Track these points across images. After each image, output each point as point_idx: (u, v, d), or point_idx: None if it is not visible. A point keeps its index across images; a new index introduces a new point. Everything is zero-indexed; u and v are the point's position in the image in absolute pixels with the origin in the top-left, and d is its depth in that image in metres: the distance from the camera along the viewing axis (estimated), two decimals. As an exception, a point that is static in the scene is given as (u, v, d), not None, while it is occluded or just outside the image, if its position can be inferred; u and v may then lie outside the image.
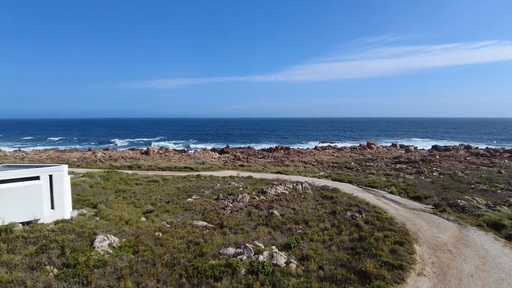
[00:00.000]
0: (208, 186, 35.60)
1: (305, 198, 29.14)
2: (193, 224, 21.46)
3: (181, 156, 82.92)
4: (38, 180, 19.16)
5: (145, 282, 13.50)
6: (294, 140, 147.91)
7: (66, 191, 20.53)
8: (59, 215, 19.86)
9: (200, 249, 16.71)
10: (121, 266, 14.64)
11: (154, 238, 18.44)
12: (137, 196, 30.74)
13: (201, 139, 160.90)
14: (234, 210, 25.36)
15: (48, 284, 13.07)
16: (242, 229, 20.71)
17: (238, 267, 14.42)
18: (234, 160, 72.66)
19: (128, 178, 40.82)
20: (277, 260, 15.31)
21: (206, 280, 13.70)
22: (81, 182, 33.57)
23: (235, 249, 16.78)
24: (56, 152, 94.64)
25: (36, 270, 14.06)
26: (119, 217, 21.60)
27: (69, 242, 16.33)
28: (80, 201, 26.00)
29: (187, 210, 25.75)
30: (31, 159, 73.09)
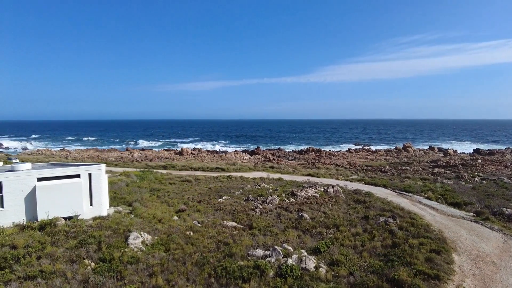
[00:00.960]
0: (239, 187, 35.88)
1: (337, 202, 28.54)
2: (223, 224, 21.71)
3: (213, 157, 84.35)
4: (79, 178, 20.27)
5: (175, 280, 13.82)
6: (326, 142, 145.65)
7: (104, 189, 21.55)
8: (97, 212, 20.87)
9: (229, 249, 16.85)
10: (153, 263, 15.10)
11: (185, 237, 18.85)
12: (170, 195, 31.62)
13: (232, 141, 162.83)
14: (264, 212, 25.35)
15: (85, 277, 13.76)
16: (271, 231, 20.64)
17: (266, 269, 14.38)
18: (264, 161, 72.77)
19: (163, 177, 42.12)
20: (306, 264, 15.09)
21: (234, 281, 13.78)
22: (118, 181, 35.10)
23: (263, 251, 16.75)
24: (96, 151, 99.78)
25: (76, 263, 14.86)
26: (152, 215, 22.32)
27: (105, 238, 17.09)
28: (116, 199, 27.18)
29: (218, 210, 26.11)
30: (73, 158, 77.57)
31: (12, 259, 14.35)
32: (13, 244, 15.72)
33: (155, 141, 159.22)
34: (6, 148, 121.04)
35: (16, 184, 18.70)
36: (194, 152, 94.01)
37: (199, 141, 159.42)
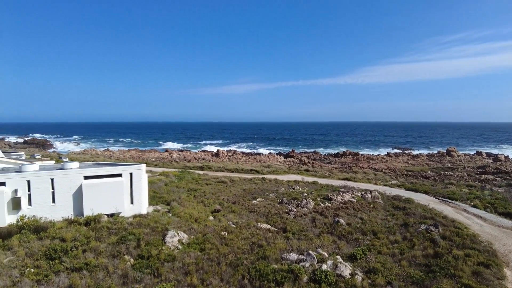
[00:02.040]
0: (273, 189, 35.83)
1: (375, 208, 27.58)
2: (257, 226, 21.77)
3: (248, 158, 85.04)
4: (121, 177, 21.30)
5: (209, 279, 14.06)
6: (364, 146, 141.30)
7: (144, 188, 22.46)
8: (137, 210, 21.80)
9: (263, 252, 16.86)
10: (188, 262, 15.47)
11: (220, 237, 19.13)
12: (207, 195, 32.29)
13: (267, 143, 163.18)
14: (298, 215, 25.10)
15: (125, 272, 14.41)
16: (305, 235, 20.38)
17: (300, 274, 14.20)
18: (299, 164, 72.11)
19: (199, 178, 43.14)
20: (342, 271, 14.72)
21: (268, 284, 13.74)
22: (157, 181, 36.45)
23: (298, 255, 16.57)
24: (137, 152, 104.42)
25: (117, 258, 15.61)
26: (189, 215, 22.91)
27: (144, 236, 17.79)
28: (155, 198, 28.22)
29: (252, 212, 26.24)
30: (116, 158, 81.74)
31: (61, 251, 15.37)
32: (62, 237, 16.85)
33: (191, 143, 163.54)
34: (53, 150, 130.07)
35: (65, 181, 20.05)
36: (230, 153, 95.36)
37: (234, 143, 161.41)
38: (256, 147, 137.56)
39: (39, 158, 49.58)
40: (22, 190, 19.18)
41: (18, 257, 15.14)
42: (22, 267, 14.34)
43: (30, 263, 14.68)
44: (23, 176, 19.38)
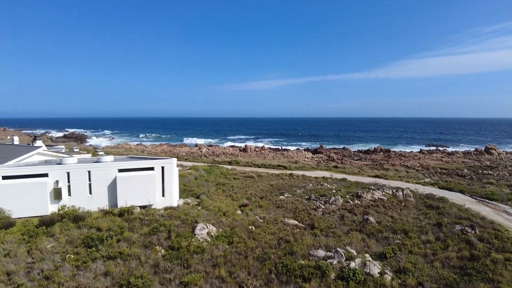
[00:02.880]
0: (300, 186, 35.65)
1: (406, 206, 26.74)
2: (285, 222, 21.80)
3: (275, 154, 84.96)
4: (153, 170, 22.04)
5: (237, 272, 14.30)
6: (396, 142, 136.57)
7: (175, 181, 23.12)
8: (168, 202, 22.49)
9: (290, 247, 16.89)
10: (217, 255, 15.81)
11: (247, 231, 19.36)
12: (235, 189, 32.70)
13: (294, 139, 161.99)
14: (326, 212, 24.85)
15: (156, 262, 14.96)
16: (333, 232, 20.18)
17: (327, 271, 14.11)
18: (327, 160, 71.08)
19: (228, 172, 43.74)
20: (370, 269, 14.46)
21: (295, 279, 13.78)
22: (187, 174, 37.36)
23: (325, 252, 16.45)
24: (168, 146, 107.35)
25: (148, 248, 16.23)
26: (218, 208, 23.34)
27: (174, 227, 18.36)
28: (185, 191, 28.96)
29: (279, 207, 26.28)
30: (149, 152, 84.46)
31: (98, 239, 16.20)
32: (99, 226, 17.74)
33: (219, 138, 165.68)
34: (87, 144, 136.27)
35: (101, 174, 21.04)
36: (258, 149, 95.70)
37: (262, 139, 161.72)
38: (284, 143, 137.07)
39: (77, 152, 52.29)
40: (63, 181, 20.37)
41: (59, 243, 16.14)
42: (63, 253, 15.28)
43: (70, 250, 15.61)
44: (63, 168, 20.57)
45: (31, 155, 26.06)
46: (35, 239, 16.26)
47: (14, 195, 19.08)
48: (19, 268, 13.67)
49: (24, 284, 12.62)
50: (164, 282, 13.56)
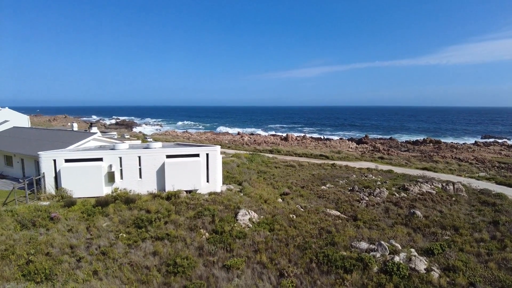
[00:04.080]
0: (343, 176, 34.95)
1: (457, 201, 25.20)
2: (326, 212, 21.62)
3: (317, 143, 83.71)
4: (198, 157, 22.83)
5: (278, 259, 14.53)
6: (447, 133, 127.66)
7: (218, 168, 23.78)
8: (212, 188, 23.24)
9: (331, 238, 16.76)
10: (258, 241, 16.15)
11: (288, 219, 19.50)
12: (276, 178, 32.93)
13: (338, 128, 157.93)
14: (370, 204, 24.20)
15: (201, 245, 15.65)
16: (377, 225, 19.65)
17: (370, 263, 13.85)
18: (372, 151, 68.63)
19: (269, 161, 44.05)
20: (416, 265, 13.94)
21: (335, 270, 13.71)
22: (230, 162, 38.23)
23: (368, 244, 16.12)
24: (212, 134, 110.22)
25: (193, 231, 17.00)
26: (259, 196, 23.69)
27: (218, 212, 18.98)
28: (228, 178, 29.71)
29: (321, 197, 26.06)
30: (194, 139, 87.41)
31: (147, 221, 17.27)
32: (148, 209, 18.87)
33: (261, 127, 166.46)
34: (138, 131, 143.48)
35: (150, 159, 22.23)
36: (299, 138, 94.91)
37: (303, 128, 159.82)
38: (327, 132, 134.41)
39: (128, 138, 55.60)
40: (115, 165, 21.84)
41: (113, 223, 17.45)
42: (116, 231, 16.52)
43: (123, 229, 16.82)
44: (116, 154, 22.01)
45: (88, 141, 28.17)
46: (92, 218, 17.72)
47: (74, 177, 20.87)
48: (80, 243, 15.04)
49: (85, 257, 13.88)
50: (208, 264, 14.17)
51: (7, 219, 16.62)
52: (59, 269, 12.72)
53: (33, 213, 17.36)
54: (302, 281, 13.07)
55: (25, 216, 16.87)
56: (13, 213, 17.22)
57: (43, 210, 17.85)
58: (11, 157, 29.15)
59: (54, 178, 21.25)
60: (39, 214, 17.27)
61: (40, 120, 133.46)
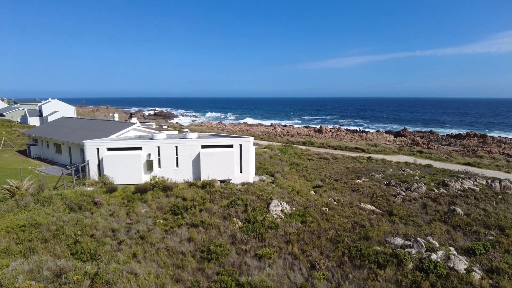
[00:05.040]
0: (379, 170, 33.98)
1: (504, 200, 23.68)
2: (360, 206, 21.22)
3: (353, 136, 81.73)
4: (232, 148, 23.21)
5: (309, 251, 14.55)
6: (494, 127, 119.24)
7: (251, 159, 24.05)
8: (245, 178, 23.58)
9: (365, 232, 16.48)
10: (290, 232, 16.24)
11: (321, 212, 19.39)
12: (308, 170, 32.71)
13: (374, 120, 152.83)
14: (407, 200, 23.41)
15: (234, 233, 16.02)
16: (414, 221, 19.01)
17: (405, 260, 13.48)
18: (411, 145, 65.85)
19: (302, 153, 43.77)
20: (455, 264, 13.37)
21: (369, 264, 13.51)
22: (263, 153, 38.44)
23: (403, 240, 15.67)
24: (245, 125, 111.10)
25: (227, 220, 17.42)
26: (291, 187, 23.71)
27: (251, 202, 19.27)
28: (261, 169, 29.95)
29: (355, 191, 25.58)
30: (228, 130, 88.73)
31: (183, 208, 17.93)
32: (184, 196, 19.56)
33: (294, 118, 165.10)
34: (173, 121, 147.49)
35: (186, 149, 22.93)
36: (333, 130, 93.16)
37: (338, 119, 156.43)
38: (363, 124, 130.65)
39: (165, 128, 57.55)
40: (154, 154, 22.77)
41: (151, 209, 18.30)
42: (154, 217, 17.32)
43: (160, 215, 17.60)
44: (154, 143, 22.92)
45: (128, 131, 29.53)
46: (132, 204, 18.69)
47: (115, 164, 22.04)
48: (120, 227, 15.96)
49: (125, 240, 14.73)
50: (240, 252, 14.51)
51: (57, 202, 17.99)
52: (102, 250, 13.62)
53: (79, 197, 18.63)
54: (334, 274, 13.02)
55: (72, 200, 18.16)
56: (62, 197, 18.59)
57: (88, 195, 19.10)
58: (60, 145, 31.31)
59: (98, 165, 22.59)
60: (84, 198, 18.52)
61: (85, 111, 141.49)
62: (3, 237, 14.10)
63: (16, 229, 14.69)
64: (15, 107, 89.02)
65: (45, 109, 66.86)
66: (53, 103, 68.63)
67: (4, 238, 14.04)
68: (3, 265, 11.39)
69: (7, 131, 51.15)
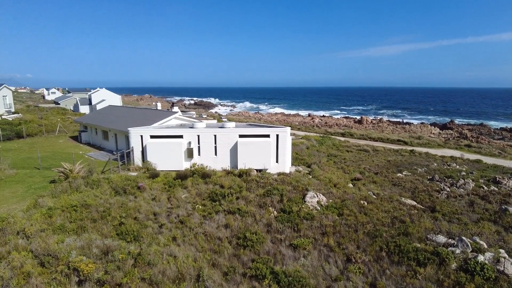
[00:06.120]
0: (422, 164, 32.42)
1: None
2: (401, 201, 20.48)
3: (395, 128, 78.42)
4: (269, 138, 23.28)
5: (346, 244, 14.35)
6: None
7: (288, 149, 23.98)
8: (281, 168, 23.62)
9: (405, 228, 15.90)
10: (326, 224, 16.10)
11: (359, 205, 18.97)
12: (347, 162, 32.02)
13: (419, 111, 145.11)
14: (452, 196, 22.18)
15: (269, 222, 16.19)
16: (459, 219, 18.01)
17: (448, 259, 12.85)
18: (458, 138, 61.89)
19: (340, 144, 42.86)
20: (505, 268, 12.53)
21: (407, 261, 13.06)
22: (299, 143, 38.17)
23: (446, 238, 14.93)
24: (283, 116, 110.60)
25: (263, 208, 17.61)
26: (328, 179, 23.39)
27: (286, 192, 19.30)
28: (297, 159, 29.81)
29: (396, 185, 24.68)
30: (265, 120, 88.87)
31: (221, 195, 18.39)
32: (221, 184, 20.03)
33: (332, 108, 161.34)
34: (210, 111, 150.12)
35: (224, 138, 23.37)
36: (375, 121, 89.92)
37: (379, 110, 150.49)
38: (406, 116, 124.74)
39: (205, 118, 58.90)
40: (194, 142, 23.47)
41: (191, 195, 18.97)
42: (193, 203, 17.96)
43: (199, 201, 18.20)
44: (195, 132, 23.60)
45: (170, 119, 30.60)
46: (173, 189, 19.49)
47: (158, 151, 23.03)
48: (161, 211, 16.74)
49: (165, 224, 15.45)
50: (275, 241, 14.66)
51: (104, 185, 19.23)
52: (145, 233, 14.40)
53: (124, 182, 19.76)
54: (370, 268, 12.76)
55: (118, 184, 19.31)
56: (109, 181, 19.82)
57: (132, 180, 20.19)
58: (107, 132, 33.23)
59: (141, 152, 23.74)
60: (128, 183, 19.60)
61: (129, 100, 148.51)
62: (59, 215, 15.38)
63: (70, 208, 15.95)
64: (68, 96, 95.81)
65: (94, 98, 71.06)
66: (101, 92, 72.72)
67: (59, 216, 15.31)
68: (59, 240, 12.46)
69: (61, 118, 55.17)
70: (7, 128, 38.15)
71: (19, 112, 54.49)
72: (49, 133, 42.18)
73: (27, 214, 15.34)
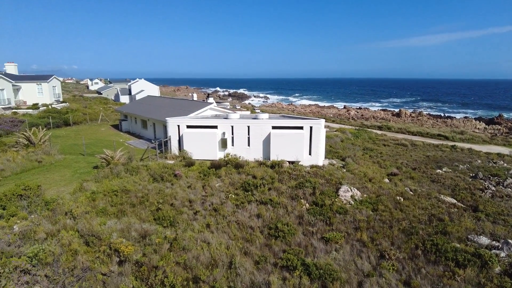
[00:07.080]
0: (465, 161, 30.71)
1: None
2: (439, 198, 19.60)
3: (436, 121, 74.61)
4: (302, 130, 23.10)
5: (379, 240, 14.04)
6: None
7: (321, 142, 23.68)
8: (314, 161, 23.41)
9: (443, 226, 15.25)
10: (359, 219, 15.82)
11: (394, 201, 18.42)
12: (383, 157, 31.05)
13: (462, 104, 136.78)
14: (497, 195, 20.88)
15: (301, 214, 16.18)
16: (505, 220, 16.94)
17: (491, 262, 12.20)
18: (507, 134, 57.66)
19: (377, 138, 41.58)
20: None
21: (445, 261, 12.56)
22: (334, 136, 37.51)
23: (490, 240, 14.15)
24: (317, 107, 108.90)
25: (294, 200, 17.62)
26: (363, 173, 22.85)
27: (319, 185, 19.15)
28: (331, 152, 29.35)
29: (435, 181, 23.63)
30: (298, 112, 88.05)
31: (253, 185, 18.62)
32: (254, 174, 20.26)
33: (369, 101, 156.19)
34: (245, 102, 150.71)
35: (258, 129, 23.51)
36: (414, 115, 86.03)
37: (418, 103, 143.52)
38: (448, 109, 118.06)
39: (239, 109, 59.43)
40: (228, 133, 23.83)
41: (224, 184, 19.38)
42: (227, 192, 18.34)
43: (232, 190, 18.56)
44: (229, 123, 23.94)
45: (205, 110, 31.22)
46: (207, 178, 20.00)
47: (194, 141, 23.68)
48: (196, 199, 17.28)
49: (200, 211, 15.94)
50: (307, 233, 14.66)
51: (143, 172, 20.14)
52: (180, 219, 14.97)
53: (161, 169, 20.57)
54: (405, 266, 12.42)
55: (155, 171, 20.14)
56: (147, 168, 20.72)
57: (169, 167, 20.96)
58: (146, 121, 34.58)
59: (178, 141, 24.51)
60: (166, 170, 20.38)
61: (167, 90, 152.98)
62: (101, 199, 16.38)
63: (111, 193, 16.91)
64: (109, 86, 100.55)
65: (133, 88, 73.95)
66: (140, 83, 75.47)
67: (102, 200, 16.30)
68: (102, 223, 13.30)
69: (103, 107, 58.14)
70: (56, 117, 40.93)
71: (66, 102, 58.10)
72: (92, 121, 44.71)
73: (74, 197, 16.49)
